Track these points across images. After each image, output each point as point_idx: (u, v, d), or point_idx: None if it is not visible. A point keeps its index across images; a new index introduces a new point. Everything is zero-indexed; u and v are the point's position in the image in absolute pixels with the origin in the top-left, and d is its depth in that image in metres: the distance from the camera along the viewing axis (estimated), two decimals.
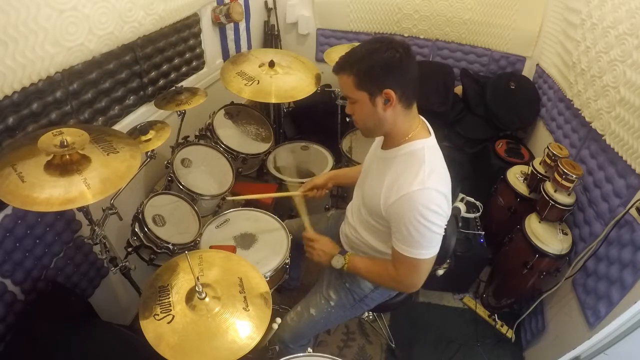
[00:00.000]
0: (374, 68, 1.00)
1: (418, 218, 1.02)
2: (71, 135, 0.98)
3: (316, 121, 2.59)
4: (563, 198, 1.70)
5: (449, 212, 1.09)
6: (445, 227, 1.08)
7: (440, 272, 1.63)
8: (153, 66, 1.78)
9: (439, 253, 1.11)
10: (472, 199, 2.16)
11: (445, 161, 1.13)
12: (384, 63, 0.99)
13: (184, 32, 1.93)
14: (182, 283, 1.14)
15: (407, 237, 1.06)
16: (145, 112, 1.74)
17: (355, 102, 1.07)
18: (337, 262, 1.27)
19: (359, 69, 1.01)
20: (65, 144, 0.95)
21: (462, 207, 2.10)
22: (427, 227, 1.03)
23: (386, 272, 1.18)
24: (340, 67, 1.05)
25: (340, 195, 2.32)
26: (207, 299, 1.07)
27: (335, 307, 1.37)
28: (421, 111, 1.14)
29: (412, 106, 1.07)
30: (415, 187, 1.01)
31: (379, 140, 1.25)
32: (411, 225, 1.03)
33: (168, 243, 1.42)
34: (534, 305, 1.83)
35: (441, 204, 1.04)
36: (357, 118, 1.11)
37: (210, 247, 1.46)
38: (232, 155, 1.86)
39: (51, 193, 0.90)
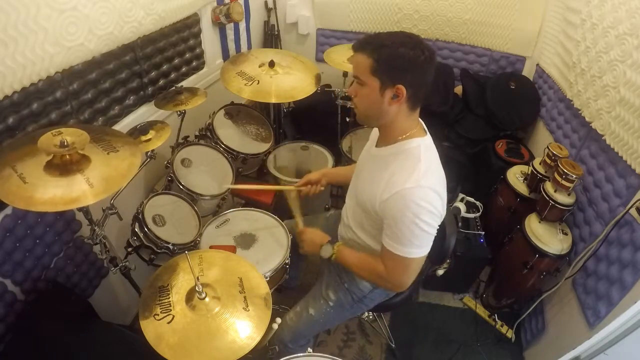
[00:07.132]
0: (396, 60, 0.97)
1: (410, 216, 1.00)
2: (71, 135, 0.98)
3: (316, 121, 2.58)
4: (563, 198, 1.70)
5: (443, 212, 1.08)
6: (443, 227, 1.07)
7: (440, 272, 1.64)
8: (153, 66, 1.78)
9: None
10: (472, 199, 2.16)
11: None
12: (407, 59, 0.96)
13: (184, 32, 1.92)
14: (182, 283, 1.14)
15: (398, 235, 1.05)
16: (145, 112, 1.74)
17: (363, 85, 1.02)
18: (326, 251, 1.26)
19: (380, 55, 0.97)
20: (65, 144, 0.95)
21: (462, 207, 2.10)
22: (419, 226, 1.01)
23: (375, 269, 1.15)
24: (361, 45, 1.00)
25: (340, 195, 2.32)
26: (207, 299, 1.07)
27: (334, 307, 1.37)
28: (421, 111, 1.14)
29: (417, 109, 1.07)
30: (410, 185, 1.00)
31: (373, 138, 1.24)
32: (402, 223, 1.02)
33: (168, 243, 1.42)
34: (534, 305, 1.83)
35: (435, 204, 1.02)
36: (359, 102, 1.07)
37: (210, 247, 1.46)
38: (232, 155, 1.86)
39: (54, 193, 0.90)
